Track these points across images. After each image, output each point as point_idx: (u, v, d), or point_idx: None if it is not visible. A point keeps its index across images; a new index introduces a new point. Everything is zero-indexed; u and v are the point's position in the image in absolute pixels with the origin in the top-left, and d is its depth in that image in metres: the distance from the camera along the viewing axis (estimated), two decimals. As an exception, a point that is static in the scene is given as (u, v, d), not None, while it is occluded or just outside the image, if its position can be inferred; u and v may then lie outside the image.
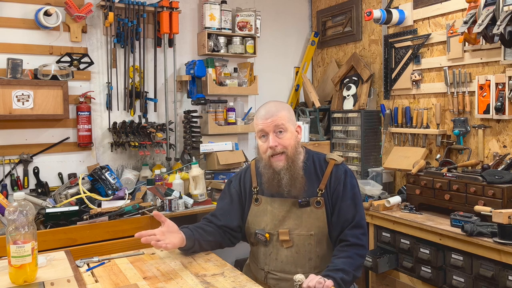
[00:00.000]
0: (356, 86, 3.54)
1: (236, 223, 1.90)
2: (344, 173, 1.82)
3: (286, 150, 1.76)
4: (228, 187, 1.98)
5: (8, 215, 1.50)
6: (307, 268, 1.77)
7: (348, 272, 1.64)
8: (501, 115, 2.56)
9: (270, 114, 1.76)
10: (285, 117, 1.77)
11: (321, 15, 4.02)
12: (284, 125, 1.75)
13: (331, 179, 1.80)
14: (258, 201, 1.87)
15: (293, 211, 1.80)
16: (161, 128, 3.27)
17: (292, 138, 1.78)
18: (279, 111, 1.77)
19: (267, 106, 1.81)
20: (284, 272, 1.79)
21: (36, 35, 2.97)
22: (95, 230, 2.52)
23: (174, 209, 2.80)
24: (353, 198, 1.79)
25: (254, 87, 3.65)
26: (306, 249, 1.78)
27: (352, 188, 1.81)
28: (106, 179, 2.81)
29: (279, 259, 1.80)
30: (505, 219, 2.04)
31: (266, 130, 1.76)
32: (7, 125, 2.89)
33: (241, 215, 1.91)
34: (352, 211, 1.77)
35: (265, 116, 1.76)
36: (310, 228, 1.77)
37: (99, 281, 1.62)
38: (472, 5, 2.53)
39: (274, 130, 1.75)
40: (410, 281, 2.60)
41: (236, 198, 1.93)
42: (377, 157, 3.42)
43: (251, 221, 1.87)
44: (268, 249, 1.82)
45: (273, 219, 1.81)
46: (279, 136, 1.76)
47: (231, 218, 1.90)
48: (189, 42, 3.55)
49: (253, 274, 1.90)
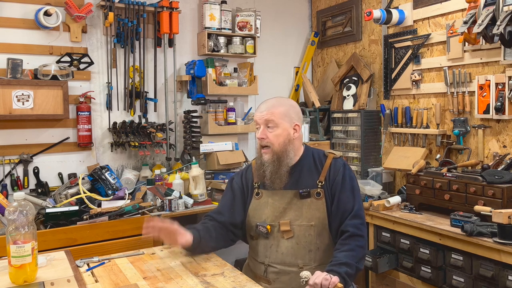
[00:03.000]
0: (356, 86, 3.54)
1: (240, 218, 1.92)
2: (343, 166, 1.87)
3: (272, 145, 1.82)
4: (230, 184, 2.02)
5: (8, 215, 1.51)
6: (307, 260, 1.79)
7: (351, 265, 1.67)
8: (501, 115, 2.56)
9: (266, 108, 1.84)
10: (279, 114, 1.82)
11: (321, 15, 4.03)
12: (274, 121, 1.81)
13: (330, 171, 1.85)
14: (259, 195, 1.90)
15: (293, 203, 1.83)
16: (161, 128, 3.27)
17: (282, 135, 1.82)
18: (276, 107, 1.83)
19: (268, 100, 1.89)
20: (284, 264, 1.80)
21: (36, 35, 2.97)
22: (95, 230, 2.52)
23: (174, 209, 2.80)
24: (352, 190, 1.83)
25: (254, 87, 3.65)
26: (307, 240, 1.80)
27: (351, 181, 1.85)
28: (106, 179, 2.81)
29: (280, 250, 1.82)
30: (505, 219, 2.04)
31: (259, 122, 1.85)
32: (7, 125, 2.89)
33: (244, 210, 1.94)
34: (351, 201, 1.81)
35: (261, 109, 1.85)
36: (310, 219, 1.81)
37: (99, 281, 1.62)
38: (472, 5, 2.53)
39: (265, 124, 1.83)
40: (410, 281, 2.60)
41: (239, 194, 1.96)
42: (377, 157, 3.42)
43: (251, 214, 1.90)
44: (269, 241, 1.84)
45: (274, 211, 1.85)
46: (269, 130, 1.83)
47: (235, 213, 1.92)
48: (189, 42, 3.55)
49: (253, 271, 1.90)
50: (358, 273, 1.76)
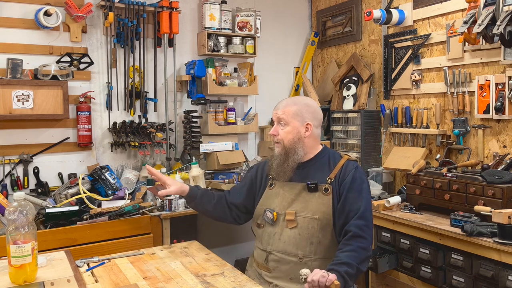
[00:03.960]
0: (356, 86, 3.54)
1: (241, 201, 2.07)
2: (355, 168, 1.91)
3: (282, 142, 1.92)
4: (247, 173, 2.20)
5: (8, 215, 1.51)
6: (307, 252, 1.82)
7: (352, 265, 1.69)
8: (501, 115, 2.56)
9: (280, 106, 1.95)
10: (290, 113, 1.91)
11: (321, 15, 4.03)
12: (285, 120, 1.91)
13: (342, 170, 1.90)
14: (272, 185, 1.99)
15: (301, 195, 1.89)
16: (161, 128, 3.28)
17: (292, 133, 1.90)
18: (289, 106, 1.93)
19: (285, 99, 2.00)
20: (285, 253, 1.84)
21: (36, 35, 2.97)
22: (95, 230, 2.53)
23: (174, 209, 2.80)
24: (360, 191, 1.85)
25: (254, 87, 3.65)
26: (309, 232, 1.83)
27: (361, 183, 1.88)
28: (106, 179, 2.81)
29: (282, 239, 1.86)
30: (505, 219, 2.04)
31: (273, 119, 1.97)
32: (7, 125, 2.89)
33: (247, 197, 2.07)
34: (358, 202, 1.83)
35: (276, 107, 1.97)
36: (315, 212, 1.84)
37: (99, 281, 1.62)
38: (472, 5, 2.53)
39: (278, 121, 1.94)
40: (410, 281, 2.60)
41: (249, 183, 2.10)
42: (377, 157, 3.42)
43: (262, 202, 1.99)
44: (273, 229, 1.90)
45: (282, 201, 1.91)
46: (280, 128, 1.93)
47: (239, 196, 2.08)
48: (189, 42, 3.55)
49: (256, 260, 1.96)
50: (360, 274, 1.77)
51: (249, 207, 2.06)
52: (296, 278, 1.79)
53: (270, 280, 1.85)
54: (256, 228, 1.99)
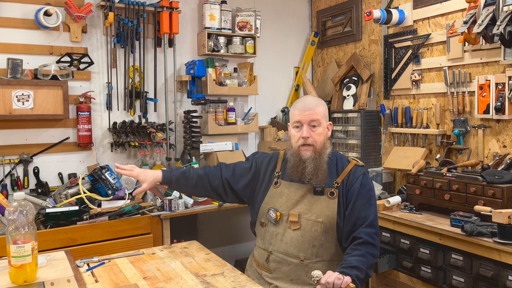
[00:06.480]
0: (356, 86, 3.54)
1: (239, 187, 2.02)
2: (363, 174, 1.89)
3: (315, 144, 1.86)
4: (252, 156, 2.15)
5: (8, 215, 1.51)
6: (309, 254, 1.82)
7: (362, 270, 1.69)
8: (501, 115, 2.56)
9: (308, 107, 1.87)
10: (321, 113, 1.88)
11: (321, 15, 4.03)
12: (319, 120, 1.86)
13: (349, 176, 1.88)
14: (277, 184, 1.95)
15: (307, 197, 1.87)
16: (161, 128, 3.28)
17: (323, 133, 1.89)
18: (318, 106, 1.88)
19: (306, 99, 1.94)
20: (286, 254, 1.83)
21: (36, 35, 2.97)
22: (95, 230, 2.53)
23: (174, 209, 2.80)
24: (369, 199, 1.86)
25: (254, 87, 3.65)
26: (312, 235, 1.82)
27: (370, 190, 1.88)
28: (106, 179, 2.81)
29: (284, 240, 1.85)
30: (505, 219, 2.04)
31: (302, 121, 1.86)
32: (7, 125, 2.89)
33: (246, 187, 2.02)
34: (367, 210, 1.83)
35: (303, 108, 1.87)
36: (319, 215, 1.83)
37: (99, 281, 1.62)
38: (472, 5, 2.53)
39: (309, 123, 1.86)
40: (410, 281, 2.60)
41: (251, 176, 2.03)
42: (377, 157, 3.42)
43: (267, 201, 1.95)
44: (276, 229, 1.88)
45: (287, 201, 1.89)
46: (312, 129, 1.86)
47: (237, 182, 2.02)
48: (189, 42, 3.55)
49: (256, 260, 1.95)
50: (366, 280, 1.78)
51: (240, 194, 2.03)
52: (297, 280, 1.79)
53: (271, 281, 1.85)
54: (259, 227, 1.97)
